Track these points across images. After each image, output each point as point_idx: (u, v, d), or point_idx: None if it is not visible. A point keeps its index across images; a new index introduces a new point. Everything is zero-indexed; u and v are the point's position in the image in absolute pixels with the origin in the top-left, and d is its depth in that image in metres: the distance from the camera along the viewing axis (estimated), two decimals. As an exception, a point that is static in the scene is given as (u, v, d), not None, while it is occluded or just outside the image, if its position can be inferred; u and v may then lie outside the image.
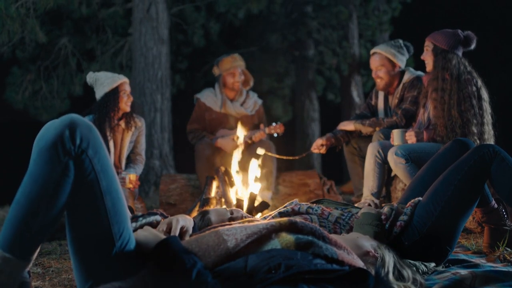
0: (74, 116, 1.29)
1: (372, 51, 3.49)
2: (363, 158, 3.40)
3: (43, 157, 1.25)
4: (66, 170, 1.25)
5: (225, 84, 3.88)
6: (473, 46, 2.95)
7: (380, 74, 3.40)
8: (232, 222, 1.62)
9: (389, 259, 1.51)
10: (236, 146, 3.66)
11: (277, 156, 3.66)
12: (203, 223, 1.78)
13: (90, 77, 3.42)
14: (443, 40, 2.90)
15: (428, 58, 2.98)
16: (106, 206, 1.30)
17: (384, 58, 3.40)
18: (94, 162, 1.28)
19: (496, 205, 2.12)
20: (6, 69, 6.16)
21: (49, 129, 1.27)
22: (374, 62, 3.43)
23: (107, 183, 1.30)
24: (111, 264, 1.32)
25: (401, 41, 3.48)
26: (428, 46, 2.98)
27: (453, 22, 3.14)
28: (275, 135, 3.78)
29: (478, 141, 2.72)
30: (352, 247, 1.49)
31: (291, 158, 3.64)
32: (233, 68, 3.84)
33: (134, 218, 1.55)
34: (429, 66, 2.99)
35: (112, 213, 1.30)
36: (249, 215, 1.88)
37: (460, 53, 2.93)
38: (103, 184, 1.29)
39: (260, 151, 3.54)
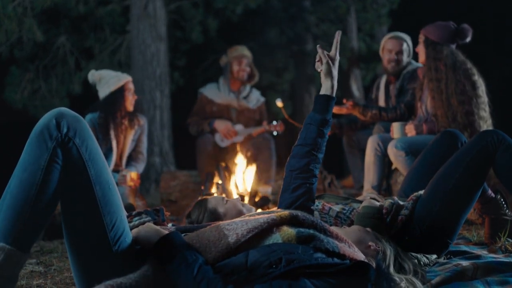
0: (63, 108, 1.32)
1: (392, 35, 3.48)
2: (362, 150, 3.40)
3: (31, 145, 1.27)
4: (54, 157, 1.27)
5: (231, 72, 3.88)
6: (468, 39, 2.94)
7: (400, 58, 3.41)
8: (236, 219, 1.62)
9: (390, 252, 1.51)
10: (230, 129, 3.70)
11: (290, 119, 3.70)
12: (201, 210, 1.83)
13: (93, 75, 3.40)
14: (434, 32, 2.92)
15: (420, 50, 3.01)
16: (96, 196, 1.30)
17: (406, 44, 3.44)
18: (81, 151, 1.29)
19: (493, 195, 2.11)
20: (4, 69, 6.14)
21: (39, 121, 1.30)
22: (397, 45, 3.42)
23: (96, 173, 1.31)
24: (106, 258, 1.32)
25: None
26: (420, 38, 3.00)
27: (452, 15, 3.13)
28: (275, 133, 3.78)
29: (479, 130, 2.71)
30: (354, 240, 1.49)
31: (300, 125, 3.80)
32: (240, 56, 3.86)
33: (130, 217, 1.55)
34: (421, 57, 3.01)
35: (102, 203, 1.31)
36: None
37: (453, 45, 2.93)
38: (91, 173, 1.30)
39: (280, 103, 3.55)
